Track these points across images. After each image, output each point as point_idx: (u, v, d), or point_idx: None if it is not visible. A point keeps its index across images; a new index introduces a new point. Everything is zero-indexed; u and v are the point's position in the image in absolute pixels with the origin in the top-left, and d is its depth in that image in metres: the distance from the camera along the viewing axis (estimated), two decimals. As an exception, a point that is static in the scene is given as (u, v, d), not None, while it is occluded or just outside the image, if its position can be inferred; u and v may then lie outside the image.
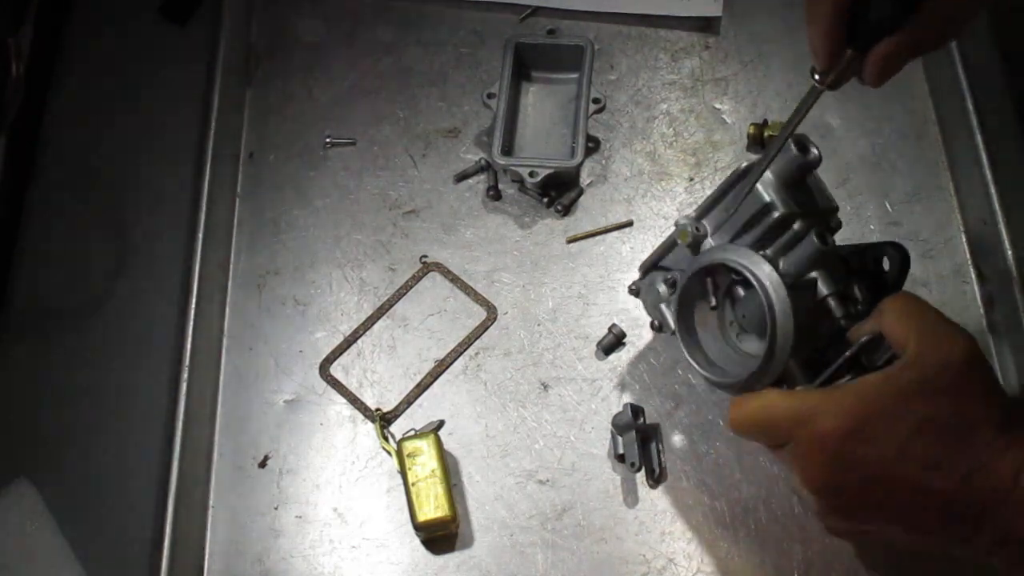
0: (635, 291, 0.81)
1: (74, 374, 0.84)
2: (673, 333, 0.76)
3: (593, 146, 0.93)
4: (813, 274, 0.70)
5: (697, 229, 0.73)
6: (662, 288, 0.77)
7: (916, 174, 0.91)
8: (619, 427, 0.80)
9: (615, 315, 0.86)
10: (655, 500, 0.79)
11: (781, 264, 0.69)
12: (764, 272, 0.68)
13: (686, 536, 0.78)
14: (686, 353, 0.74)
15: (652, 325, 0.80)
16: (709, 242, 0.73)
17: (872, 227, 0.88)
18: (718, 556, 0.77)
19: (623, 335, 0.85)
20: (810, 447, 0.64)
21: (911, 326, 0.65)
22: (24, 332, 0.86)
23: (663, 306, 0.78)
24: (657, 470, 0.80)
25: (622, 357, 0.84)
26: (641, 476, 0.80)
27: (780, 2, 0.99)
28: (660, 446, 0.81)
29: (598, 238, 0.89)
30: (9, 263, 0.88)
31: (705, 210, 0.74)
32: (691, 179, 0.92)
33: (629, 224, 0.90)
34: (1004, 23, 0.94)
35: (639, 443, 0.79)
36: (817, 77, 0.66)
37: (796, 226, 0.70)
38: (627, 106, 0.95)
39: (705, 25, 0.98)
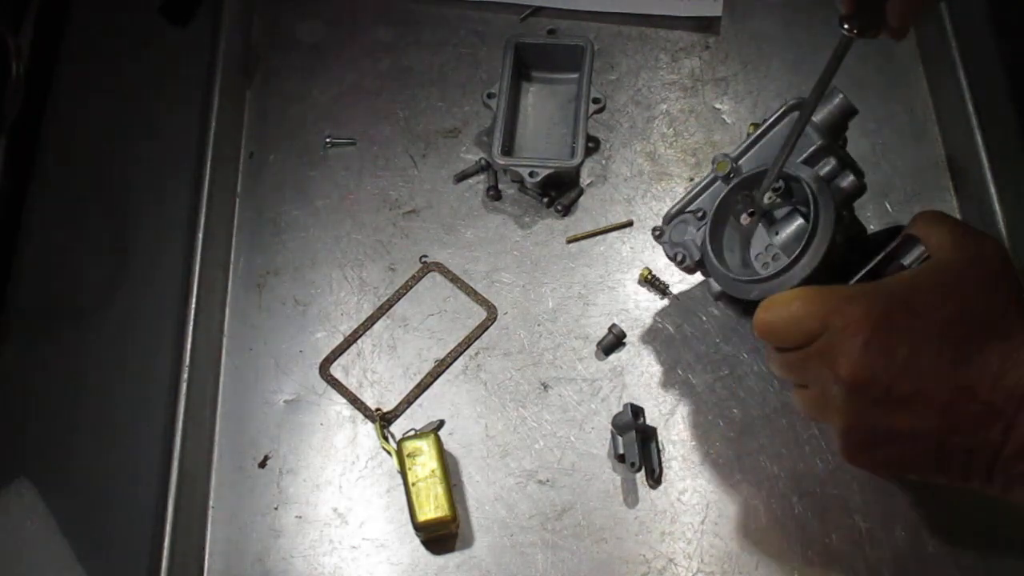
0: (659, 234, 0.81)
1: (74, 374, 0.84)
2: (696, 264, 0.79)
3: (593, 146, 0.93)
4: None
5: (734, 164, 0.77)
6: (692, 222, 0.79)
7: (916, 174, 0.91)
8: (619, 427, 0.80)
9: (615, 315, 0.86)
10: (655, 500, 0.79)
11: None
12: (809, 172, 0.73)
13: (686, 536, 0.78)
14: (714, 261, 0.76)
15: (676, 260, 0.80)
16: None
17: (872, 227, 0.88)
18: (718, 556, 0.77)
19: (623, 335, 0.85)
20: (845, 331, 0.64)
21: (944, 229, 0.68)
22: (24, 332, 0.86)
23: (688, 238, 0.79)
24: (657, 470, 0.80)
25: (622, 357, 0.85)
26: (641, 476, 0.80)
27: (780, 2, 0.99)
28: (660, 446, 0.81)
29: (598, 238, 0.89)
30: (10, 263, 0.88)
31: (742, 152, 0.78)
32: (691, 179, 0.92)
33: (629, 224, 0.90)
34: (1005, 22, 0.94)
35: (639, 443, 0.79)
36: (846, 26, 0.66)
37: (833, 162, 0.74)
38: (627, 106, 0.95)
39: (705, 25, 0.99)
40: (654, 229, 0.82)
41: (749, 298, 0.74)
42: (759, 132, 0.78)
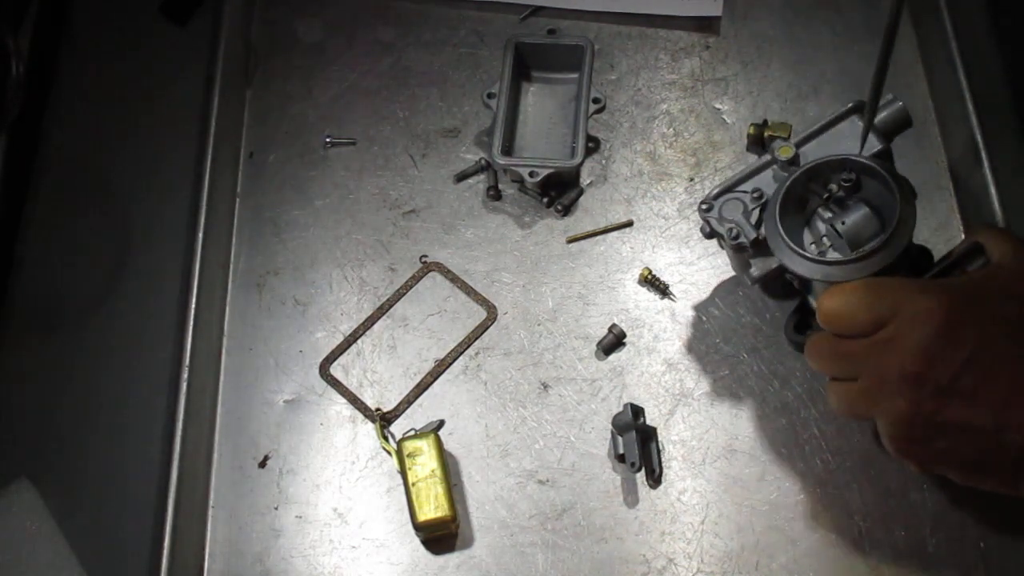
0: (708, 208, 0.79)
1: (74, 374, 0.84)
2: (750, 243, 0.77)
3: (593, 146, 0.93)
4: None
5: (797, 150, 0.78)
6: (746, 200, 0.79)
7: (916, 174, 0.90)
8: (619, 427, 0.80)
9: (615, 315, 0.86)
10: (655, 500, 0.79)
11: None
12: (888, 167, 0.74)
13: (686, 536, 0.78)
14: (786, 239, 0.74)
15: (730, 235, 0.78)
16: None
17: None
18: (718, 556, 0.77)
19: (623, 335, 0.85)
20: (916, 321, 0.66)
21: (1007, 238, 0.71)
22: (24, 332, 0.86)
23: (741, 217, 0.78)
24: (657, 470, 0.80)
25: (622, 357, 0.85)
26: (641, 476, 0.80)
27: (780, 2, 0.99)
28: (660, 446, 0.81)
29: (598, 238, 0.90)
30: (10, 263, 0.88)
31: (803, 141, 0.78)
32: (691, 179, 0.92)
33: (629, 224, 0.90)
34: (1005, 22, 0.94)
35: (639, 443, 0.79)
36: None
37: (887, 169, 0.76)
38: (627, 106, 0.95)
39: (705, 25, 0.98)
40: (702, 202, 0.79)
41: (819, 280, 0.73)
42: (820, 126, 0.78)
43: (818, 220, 0.77)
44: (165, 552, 0.76)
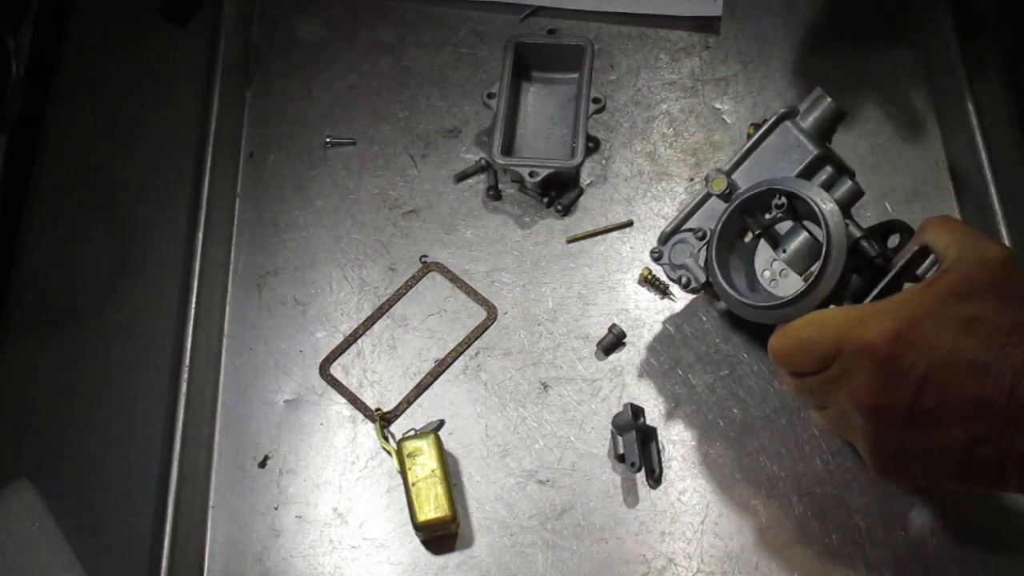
0: (658, 256, 0.80)
1: (74, 374, 0.84)
2: (702, 286, 0.77)
3: (593, 146, 0.93)
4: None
5: (730, 180, 0.76)
6: (692, 241, 0.78)
7: (916, 174, 0.91)
8: (619, 427, 0.80)
9: (615, 315, 0.86)
10: (655, 500, 0.79)
11: None
12: (815, 190, 0.72)
13: (686, 536, 0.78)
14: (724, 286, 0.74)
15: (680, 283, 0.79)
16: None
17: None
18: (718, 556, 0.77)
19: (623, 335, 0.85)
20: (859, 356, 0.64)
21: (950, 235, 0.68)
22: (24, 332, 0.86)
23: (690, 260, 0.78)
24: (657, 470, 0.80)
25: (622, 357, 0.85)
26: (641, 476, 0.80)
27: (780, 2, 0.99)
28: (660, 446, 0.81)
29: (598, 238, 0.90)
30: (10, 262, 0.88)
31: (736, 165, 0.77)
32: (691, 179, 0.92)
33: (629, 224, 0.90)
34: (1005, 22, 0.94)
35: (639, 443, 0.79)
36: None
37: (830, 169, 0.75)
38: (627, 106, 0.95)
39: (705, 25, 0.99)
40: (652, 251, 0.81)
41: (762, 322, 0.73)
42: (752, 143, 0.78)
43: (765, 246, 0.76)
44: (165, 552, 0.76)
